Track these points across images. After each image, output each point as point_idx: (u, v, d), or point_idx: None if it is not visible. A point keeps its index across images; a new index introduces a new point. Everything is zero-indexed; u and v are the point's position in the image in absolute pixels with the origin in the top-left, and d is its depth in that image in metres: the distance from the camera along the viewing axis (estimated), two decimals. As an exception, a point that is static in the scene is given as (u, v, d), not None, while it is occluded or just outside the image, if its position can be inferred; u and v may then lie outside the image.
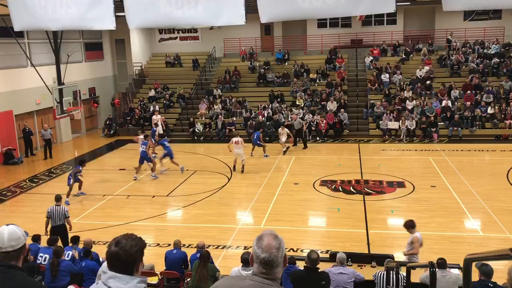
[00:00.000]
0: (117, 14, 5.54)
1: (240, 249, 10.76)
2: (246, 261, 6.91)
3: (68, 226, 10.53)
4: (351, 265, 8.18)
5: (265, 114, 23.93)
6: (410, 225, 8.62)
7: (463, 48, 26.67)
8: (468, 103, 22.81)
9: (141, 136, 17.37)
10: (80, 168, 14.80)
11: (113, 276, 2.31)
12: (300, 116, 23.15)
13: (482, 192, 14.17)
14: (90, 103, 26.92)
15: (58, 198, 10.70)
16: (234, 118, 24.48)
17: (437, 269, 6.26)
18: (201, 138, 23.77)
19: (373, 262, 8.45)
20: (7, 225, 2.75)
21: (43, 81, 20.84)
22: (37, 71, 20.64)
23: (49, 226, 10.43)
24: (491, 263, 6.06)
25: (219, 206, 14.01)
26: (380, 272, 7.36)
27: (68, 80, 22.47)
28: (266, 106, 24.59)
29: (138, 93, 28.12)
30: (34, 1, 5.60)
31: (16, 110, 20.87)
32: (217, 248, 10.92)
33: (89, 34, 26.29)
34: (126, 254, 2.32)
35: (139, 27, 5.80)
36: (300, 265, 7.47)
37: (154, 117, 22.99)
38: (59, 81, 21.99)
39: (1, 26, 17.78)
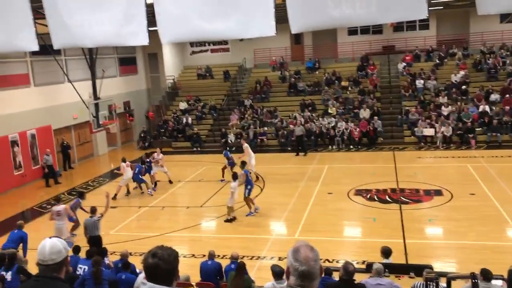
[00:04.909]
0: (149, 29, 5.66)
1: (275, 260, 10.70)
2: (278, 274, 6.83)
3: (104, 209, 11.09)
4: (389, 276, 8.00)
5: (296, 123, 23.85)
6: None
7: (501, 51, 25.93)
8: (507, 107, 22.09)
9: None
10: (80, 200, 12.91)
11: (152, 287, 2.34)
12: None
13: (525, 200, 13.66)
14: (125, 116, 27.51)
15: (92, 210, 11.03)
16: (266, 128, 24.52)
17: (479, 281, 6.05)
18: (233, 149, 23.85)
19: (411, 273, 8.24)
20: (50, 237, 2.82)
21: (80, 96, 21.40)
22: (74, 87, 21.22)
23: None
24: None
25: (252, 216, 14.00)
26: (418, 283, 7.17)
27: (103, 95, 23.05)
28: (298, 115, 24.53)
29: (172, 105, 28.57)
30: (71, 19, 5.76)
31: (55, 125, 21.54)
32: (251, 259, 10.90)
33: (123, 50, 26.95)
34: (166, 263, 2.36)
35: (171, 41, 5.89)
36: (336, 276, 7.35)
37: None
38: (95, 96, 22.59)
39: (40, 45, 18.41)
